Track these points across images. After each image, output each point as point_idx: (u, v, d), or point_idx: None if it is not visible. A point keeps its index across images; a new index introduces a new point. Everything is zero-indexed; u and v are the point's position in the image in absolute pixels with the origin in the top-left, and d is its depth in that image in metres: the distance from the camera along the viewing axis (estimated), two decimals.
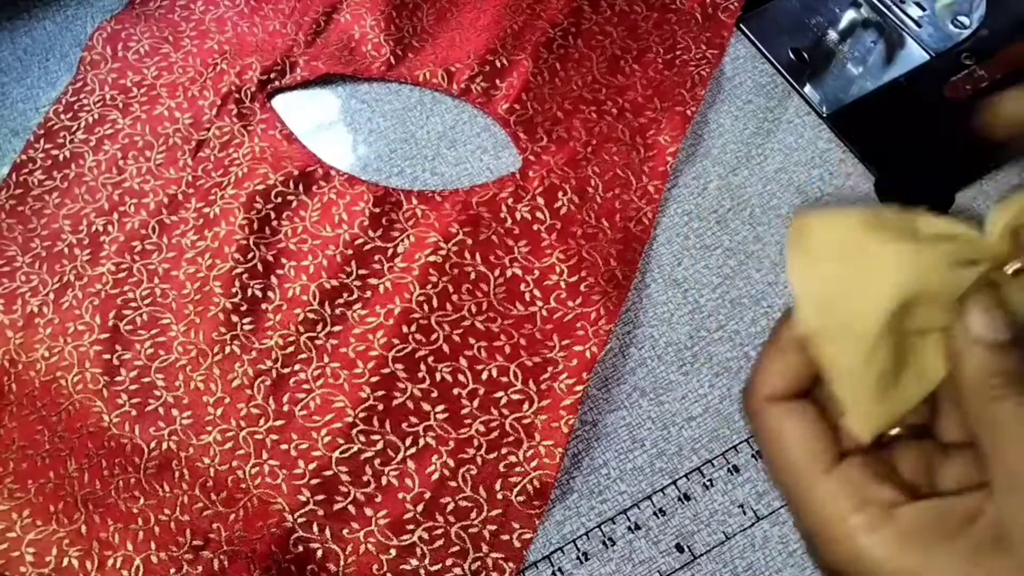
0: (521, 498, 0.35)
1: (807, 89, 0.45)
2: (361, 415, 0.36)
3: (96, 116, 0.45)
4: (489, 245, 0.41)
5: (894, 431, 0.24)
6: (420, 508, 0.35)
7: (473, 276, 0.40)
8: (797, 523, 0.23)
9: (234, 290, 0.39)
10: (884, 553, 0.21)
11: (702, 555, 0.35)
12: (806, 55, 0.46)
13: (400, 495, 0.35)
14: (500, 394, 0.37)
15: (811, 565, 0.35)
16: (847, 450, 0.23)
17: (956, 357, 0.22)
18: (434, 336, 0.38)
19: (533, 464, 0.36)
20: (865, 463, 0.22)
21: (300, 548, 0.34)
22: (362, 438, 0.36)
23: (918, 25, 0.46)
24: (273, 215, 0.41)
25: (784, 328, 0.24)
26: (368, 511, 0.35)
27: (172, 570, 0.34)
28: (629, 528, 0.35)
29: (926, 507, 0.22)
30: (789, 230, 0.23)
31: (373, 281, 0.40)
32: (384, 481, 0.36)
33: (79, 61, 0.47)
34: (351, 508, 0.35)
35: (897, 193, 0.42)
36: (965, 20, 0.46)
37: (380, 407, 0.37)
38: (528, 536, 0.35)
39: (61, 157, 0.44)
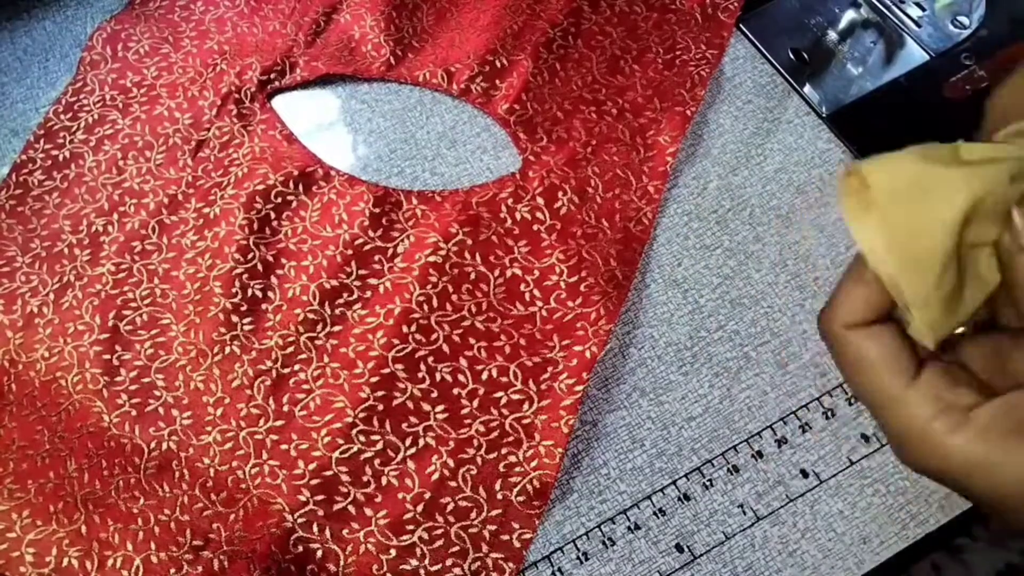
0: (521, 498, 0.35)
1: (807, 89, 0.45)
2: (361, 415, 0.36)
3: (96, 116, 0.45)
4: (489, 245, 0.41)
5: (960, 330, 0.25)
6: (420, 508, 0.35)
7: (473, 276, 0.40)
8: (886, 432, 0.25)
9: (234, 290, 0.39)
10: (967, 451, 0.23)
11: (702, 555, 0.35)
12: (806, 55, 0.46)
13: (400, 495, 0.35)
14: (500, 394, 0.37)
15: (810, 565, 0.35)
16: (925, 359, 0.25)
17: (1009, 260, 0.24)
18: (434, 336, 0.38)
19: (533, 464, 0.36)
20: (942, 372, 0.24)
21: (300, 548, 0.34)
22: (362, 438, 0.36)
23: (918, 25, 0.46)
24: (273, 215, 0.41)
25: (858, 262, 0.25)
26: (368, 511, 0.35)
27: (172, 570, 0.34)
28: (629, 528, 0.35)
29: (999, 404, 0.23)
30: (842, 181, 0.24)
31: (373, 281, 0.40)
32: (384, 481, 0.36)
33: (79, 61, 0.47)
34: (351, 508, 0.35)
35: None
36: (965, 20, 0.46)
37: (380, 407, 0.37)
38: (528, 536, 0.35)
39: (61, 157, 0.44)
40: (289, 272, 0.40)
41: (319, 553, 0.34)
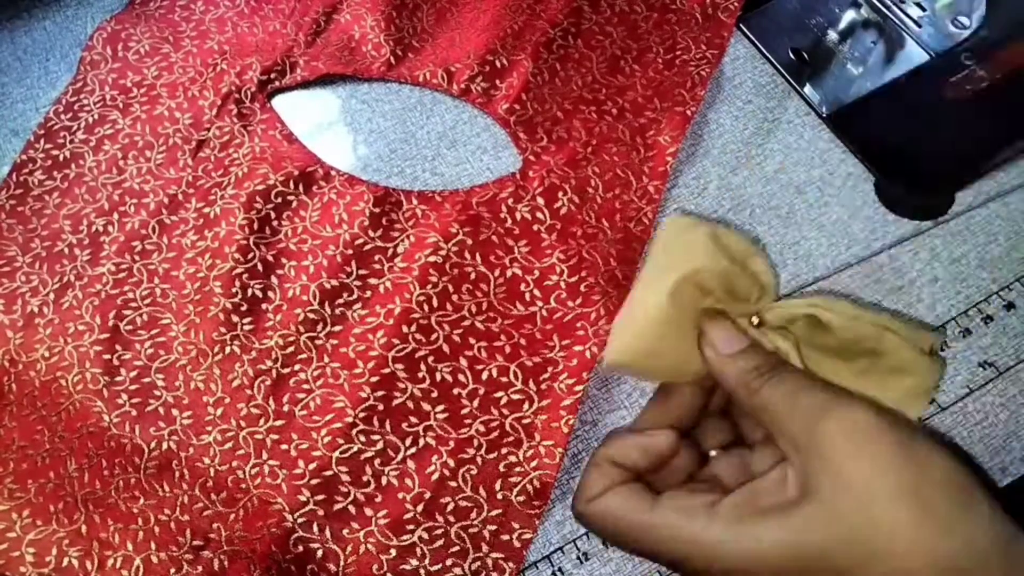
0: (521, 498, 0.35)
1: (807, 89, 0.45)
2: (361, 415, 0.36)
3: (96, 116, 0.45)
4: (489, 245, 0.41)
5: (713, 452, 0.31)
6: (420, 508, 0.35)
7: (473, 276, 0.40)
8: (664, 565, 0.29)
9: (234, 290, 0.39)
10: (725, 541, 0.25)
11: None
12: (806, 55, 0.46)
13: (400, 495, 0.35)
14: (500, 394, 0.37)
15: None
16: (662, 489, 0.29)
17: (719, 375, 0.29)
18: (434, 336, 0.38)
19: (533, 464, 0.36)
20: (682, 488, 0.29)
21: (300, 548, 0.34)
22: (362, 438, 0.36)
23: (918, 25, 0.46)
24: (273, 215, 0.41)
25: (601, 450, 0.31)
26: (368, 511, 0.35)
27: (172, 570, 0.34)
28: None
29: (738, 493, 0.27)
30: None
31: (373, 281, 0.40)
32: (384, 481, 0.36)
33: (79, 61, 0.47)
34: (351, 508, 0.35)
35: (897, 194, 0.42)
36: (965, 20, 0.46)
37: (380, 407, 0.37)
38: (528, 536, 0.35)
39: (61, 157, 0.44)
40: (289, 272, 0.40)
41: (319, 553, 0.34)
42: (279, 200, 0.42)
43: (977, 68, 0.44)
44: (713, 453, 0.31)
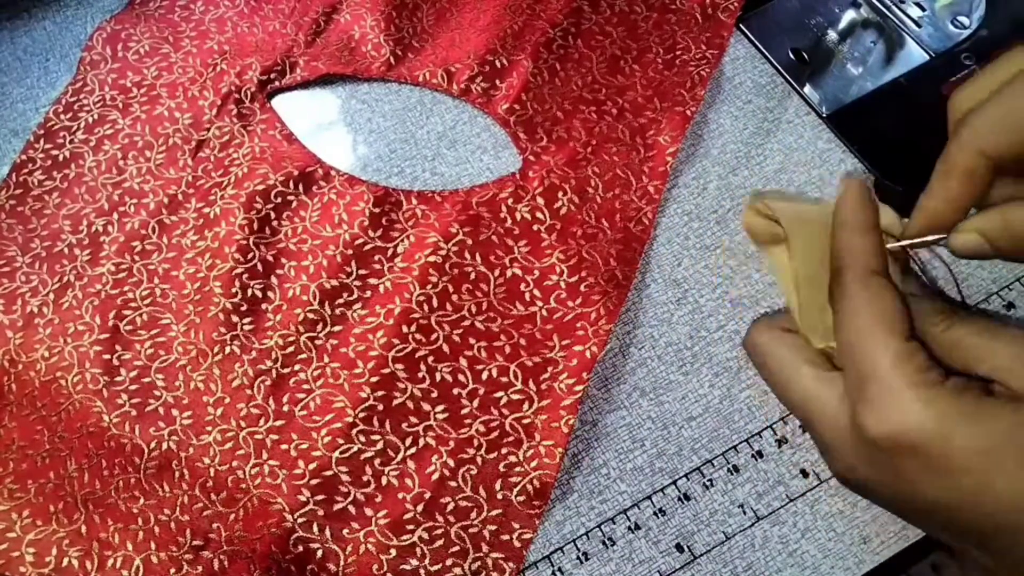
0: (521, 498, 0.35)
1: (807, 89, 0.45)
2: (361, 415, 0.36)
3: (96, 116, 0.45)
4: (489, 245, 0.41)
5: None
6: (420, 508, 0.35)
7: (473, 276, 0.40)
8: (857, 391, 0.28)
9: (234, 290, 0.39)
10: (936, 407, 0.25)
11: (702, 555, 0.35)
12: (806, 55, 0.46)
13: (400, 495, 0.35)
14: (500, 394, 0.37)
15: (810, 565, 0.35)
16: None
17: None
18: (434, 336, 0.38)
19: (533, 464, 0.36)
20: (924, 349, 0.28)
21: (300, 548, 0.34)
22: (362, 438, 0.36)
23: (918, 25, 0.46)
24: (273, 215, 0.41)
25: (856, 216, 0.30)
26: (368, 511, 0.35)
27: (172, 570, 0.34)
28: (629, 528, 0.35)
29: (968, 380, 0.27)
30: (747, 209, 0.34)
31: (373, 281, 0.40)
32: (384, 481, 0.36)
33: (79, 61, 0.47)
34: (351, 508, 0.35)
35: (897, 193, 0.42)
36: (965, 20, 0.46)
37: (380, 407, 0.37)
38: (528, 536, 0.35)
39: (61, 157, 0.44)
40: (289, 272, 0.40)
41: (319, 553, 0.34)
42: (279, 200, 0.42)
43: (977, 68, 0.44)
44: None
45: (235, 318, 0.39)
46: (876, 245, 0.29)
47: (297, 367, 0.38)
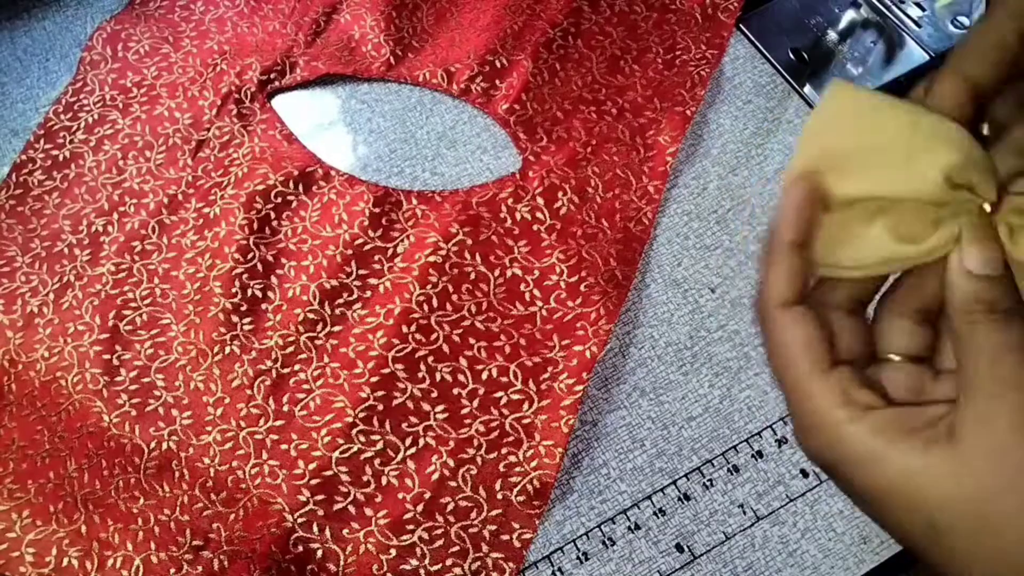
0: (521, 498, 0.35)
1: (807, 89, 0.45)
2: (361, 415, 0.36)
3: (96, 116, 0.45)
4: (489, 245, 0.41)
5: (894, 357, 0.27)
6: (420, 508, 0.35)
7: (473, 276, 0.40)
8: (792, 416, 0.27)
9: (234, 290, 0.39)
10: (859, 442, 0.24)
11: (702, 555, 0.35)
12: (806, 55, 0.46)
13: (400, 495, 0.35)
14: (500, 394, 0.37)
15: (810, 565, 0.35)
16: (841, 360, 0.26)
17: (949, 281, 0.26)
18: (434, 336, 0.38)
19: (533, 464, 0.36)
20: (854, 373, 0.26)
21: (300, 548, 0.34)
22: (362, 438, 0.36)
23: (918, 25, 0.46)
24: (273, 215, 0.41)
25: (775, 238, 0.27)
26: (368, 511, 0.35)
27: (172, 570, 0.34)
28: (629, 528, 0.35)
29: (897, 410, 0.25)
30: (830, 88, 0.25)
31: (373, 281, 0.40)
32: (384, 481, 0.36)
33: (79, 61, 0.47)
34: (351, 508, 0.35)
35: None
36: (965, 20, 0.46)
37: (380, 407, 0.37)
38: (528, 536, 0.35)
39: (61, 157, 0.44)
40: (289, 272, 0.40)
41: (319, 553, 0.34)
42: (279, 200, 0.42)
43: None
44: (895, 358, 0.28)
45: (235, 318, 0.39)
46: (788, 272, 0.27)
47: (297, 367, 0.38)
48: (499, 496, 0.35)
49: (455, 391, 0.37)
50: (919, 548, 0.24)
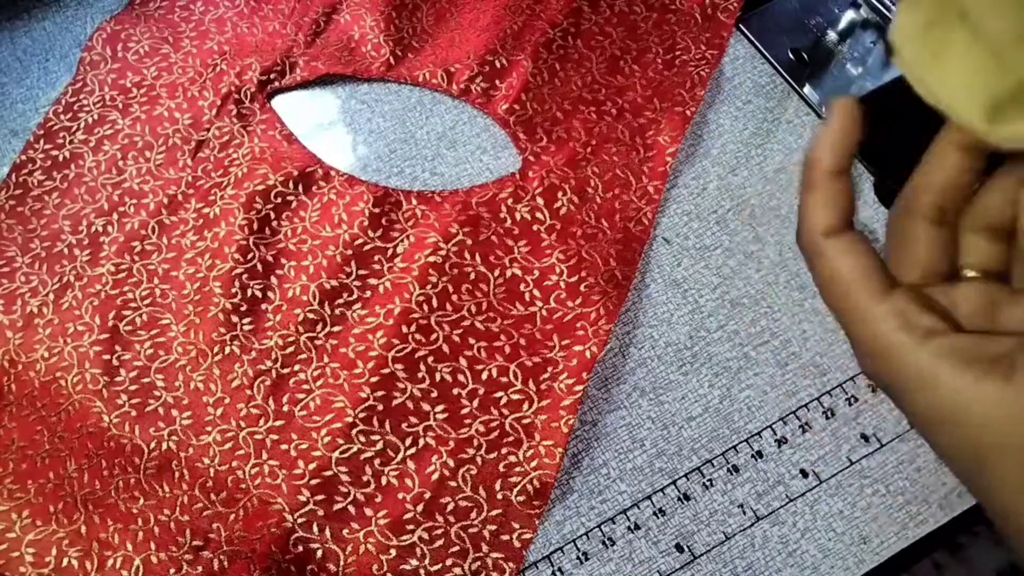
0: (521, 498, 0.35)
1: (807, 89, 0.45)
2: (361, 415, 0.36)
3: (96, 116, 0.45)
4: (489, 245, 0.41)
5: (968, 272, 0.26)
6: (420, 508, 0.35)
7: (473, 276, 0.40)
8: (853, 345, 0.26)
9: (234, 290, 0.39)
10: (922, 365, 0.23)
11: (702, 555, 0.35)
12: (806, 55, 0.46)
13: (400, 495, 0.35)
14: (500, 394, 0.37)
15: (810, 565, 0.35)
16: (897, 283, 0.25)
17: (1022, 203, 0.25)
18: (434, 336, 0.38)
19: (533, 464, 0.36)
20: (913, 295, 0.25)
21: (300, 548, 0.34)
22: (362, 438, 0.36)
23: None
24: (273, 215, 0.41)
25: (813, 165, 0.26)
26: (368, 511, 0.35)
27: (172, 570, 0.34)
28: (629, 528, 0.35)
29: (960, 337, 0.24)
30: None
31: (373, 281, 0.40)
32: (384, 481, 0.36)
33: (79, 61, 0.47)
34: (351, 508, 0.35)
35: (896, 194, 0.42)
36: None
37: (380, 407, 0.37)
38: (528, 536, 0.35)
39: (61, 157, 0.44)
40: (289, 272, 0.40)
41: (319, 553, 0.34)
42: (279, 200, 0.42)
43: None
44: (969, 273, 0.26)
45: (235, 318, 0.39)
46: (831, 198, 0.26)
47: (297, 367, 0.38)
48: (499, 496, 0.35)
49: (455, 391, 0.37)
50: (967, 477, 0.23)
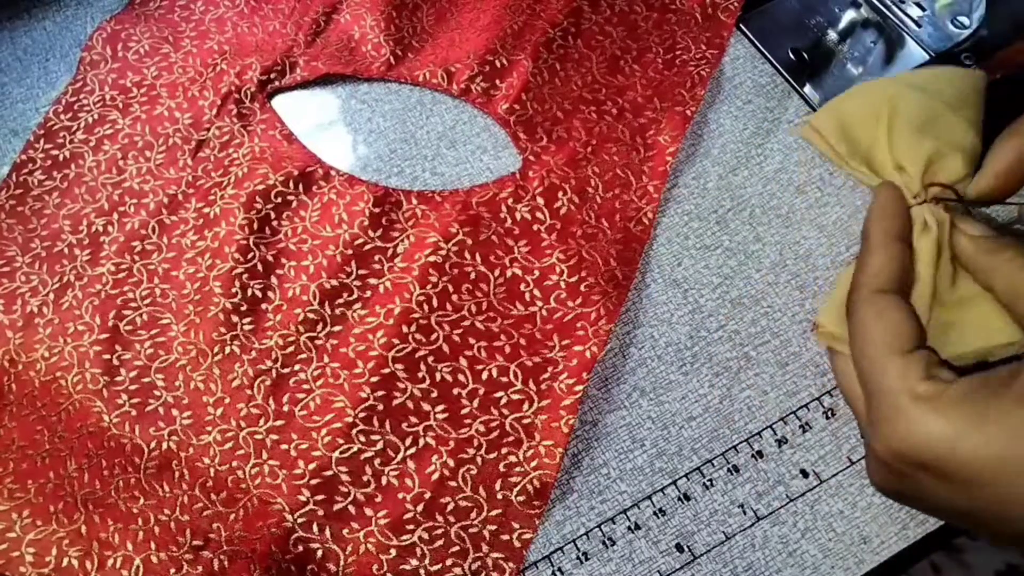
0: (521, 498, 0.35)
1: (807, 89, 0.45)
2: (361, 415, 0.37)
3: (96, 116, 0.45)
4: (489, 245, 0.41)
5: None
6: (420, 508, 0.35)
7: (473, 276, 0.40)
8: (864, 405, 0.28)
9: (234, 290, 0.39)
10: (939, 417, 0.25)
11: (702, 555, 0.35)
12: (806, 55, 0.46)
13: (400, 495, 0.35)
14: (500, 394, 0.37)
15: (810, 565, 0.35)
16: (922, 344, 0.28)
17: (960, 251, 0.29)
18: (434, 336, 0.38)
19: (533, 464, 0.36)
20: (933, 355, 0.27)
21: (300, 548, 0.34)
22: (362, 438, 0.36)
23: (918, 25, 0.46)
24: (273, 215, 0.41)
25: (876, 228, 0.30)
26: (368, 511, 0.35)
27: (172, 570, 0.34)
28: (629, 528, 0.35)
29: (973, 378, 0.25)
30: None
31: (373, 281, 0.40)
32: (384, 481, 0.36)
33: (79, 61, 0.47)
34: (351, 508, 0.35)
35: None
36: (965, 20, 0.46)
37: (380, 407, 0.37)
38: (528, 536, 0.35)
39: (61, 157, 0.44)
40: (289, 272, 0.40)
41: (319, 553, 0.34)
42: (279, 200, 0.42)
43: (977, 68, 0.44)
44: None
45: (235, 318, 0.39)
46: (890, 260, 0.29)
47: (297, 367, 0.38)
48: (499, 496, 0.35)
49: (455, 391, 0.37)
50: (971, 516, 0.25)
